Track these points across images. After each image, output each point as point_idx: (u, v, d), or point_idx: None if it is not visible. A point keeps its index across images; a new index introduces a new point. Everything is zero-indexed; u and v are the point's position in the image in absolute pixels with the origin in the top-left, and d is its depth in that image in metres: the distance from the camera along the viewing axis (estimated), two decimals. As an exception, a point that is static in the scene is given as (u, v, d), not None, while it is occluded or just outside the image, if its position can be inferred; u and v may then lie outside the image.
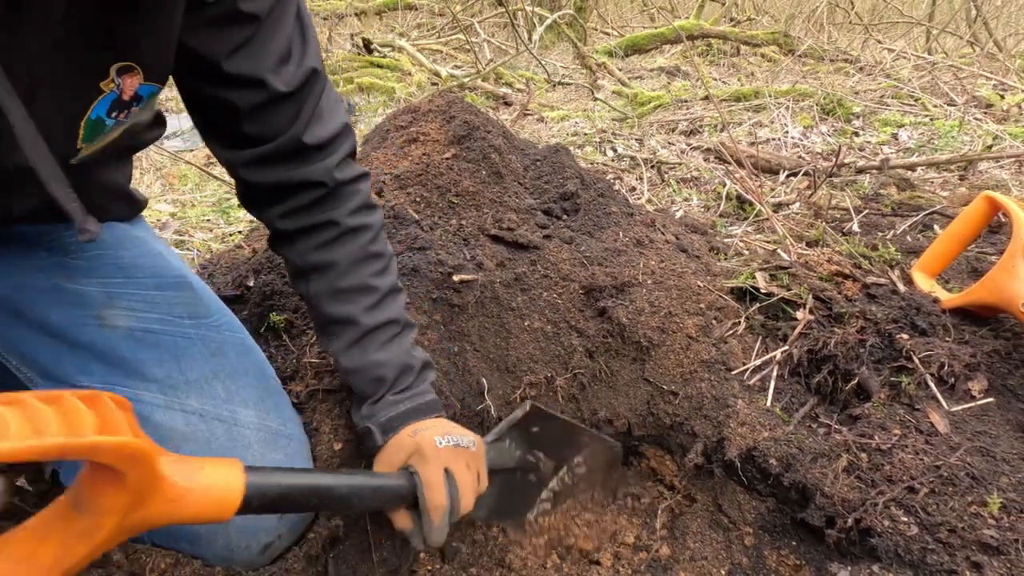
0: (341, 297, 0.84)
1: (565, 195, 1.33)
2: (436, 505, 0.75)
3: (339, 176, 0.83)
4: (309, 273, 0.86)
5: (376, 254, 0.87)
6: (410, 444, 0.78)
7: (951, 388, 0.92)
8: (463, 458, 0.79)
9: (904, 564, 0.81)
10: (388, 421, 0.82)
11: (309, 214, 0.83)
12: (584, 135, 2.95)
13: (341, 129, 0.83)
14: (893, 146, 2.60)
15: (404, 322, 0.88)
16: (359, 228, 0.85)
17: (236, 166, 0.81)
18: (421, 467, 0.76)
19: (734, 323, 1.16)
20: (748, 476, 1.03)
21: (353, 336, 0.84)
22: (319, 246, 0.84)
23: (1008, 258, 0.90)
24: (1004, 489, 0.79)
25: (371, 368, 0.83)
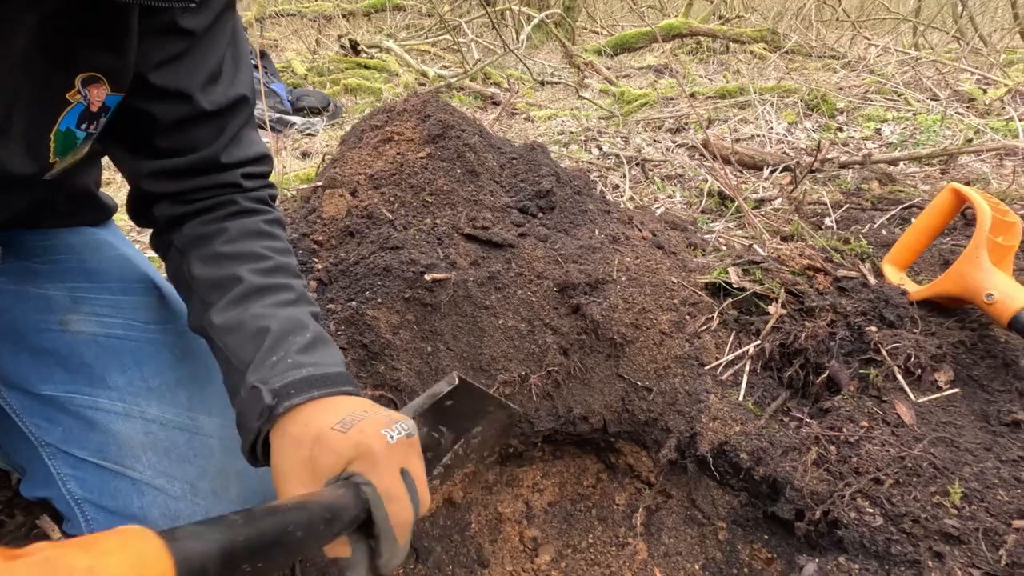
0: (221, 260, 0.71)
1: (540, 193, 1.33)
2: (400, 521, 0.56)
3: (246, 183, 0.77)
4: (189, 248, 0.73)
5: (273, 234, 0.76)
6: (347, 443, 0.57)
7: (918, 379, 0.93)
8: (414, 450, 0.61)
9: (869, 555, 0.81)
10: (284, 387, 0.60)
11: (206, 197, 0.74)
12: (570, 134, 2.95)
13: (261, 155, 0.79)
14: (876, 141, 2.62)
15: (303, 297, 0.72)
16: (255, 210, 0.76)
17: (139, 176, 0.75)
18: (374, 475, 0.56)
19: (708, 318, 1.16)
20: (720, 471, 1.03)
21: (235, 294, 0.68)
22: (208, 221, 0.74)
23: (972, 249, 0.91)
24: (966, 479, 0.79)
25: (251, 320, 0.65)
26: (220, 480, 0.80)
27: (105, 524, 0.76)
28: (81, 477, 0.76)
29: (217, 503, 0.78)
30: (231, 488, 0.80)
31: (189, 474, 0.78)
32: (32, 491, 0.80)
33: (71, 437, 0.76)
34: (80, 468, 0.76)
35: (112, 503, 0.76)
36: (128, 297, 0.86)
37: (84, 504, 0.77)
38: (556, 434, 1.19)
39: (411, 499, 0.57)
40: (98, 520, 0.76)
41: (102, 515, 0.76)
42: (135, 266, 0.91)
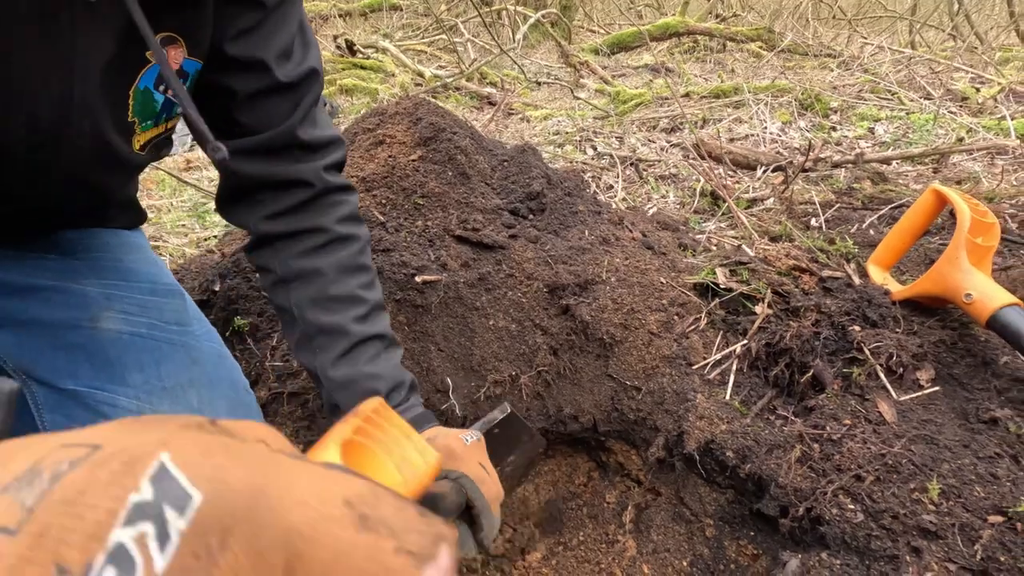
0: (329, 306, 0.80)
1: (531, 195, 1.35)
2: (495, 495, 0.72)
3: (328, 179, 0.81)
4: (291, 281, 0.81)
5: (364, 266, 0.84)
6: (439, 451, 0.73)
7: (900, 378, 0.94)
8: (484, 451, 0.77)
9: (850, 550, 0.83)
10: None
11: (296, 217, 0.80)
12: (565, 134, 2.97)
13: (334, 138, 0.83)
14: (869, 140, 2.63)
15: (391, 339, 0.84)
16: (348, 237, 0.82)
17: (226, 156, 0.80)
18: (462, 467, 0.71)
19: (696, 319, 1.18)
20: (707, 468, 1.05)
21: (343, 347, 0.79)
22: (305, 252, 0.81)
23: (952, 250, 0.92)
24: (944, 475, 0.81)
25: (363, 380, 0.78)
26: None
27: None
28: None
29: None
30: None
31: None
32: None
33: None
34: None
35: None
36: (155, 298, 0.89)
37: None
38: (547, 433, 1.21)
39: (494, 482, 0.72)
40: None
41: None
42: (162, 270, 0.95)
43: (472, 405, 1.14)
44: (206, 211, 2.01)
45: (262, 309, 1.14)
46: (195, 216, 1.98)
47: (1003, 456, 0.80)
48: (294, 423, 0.97)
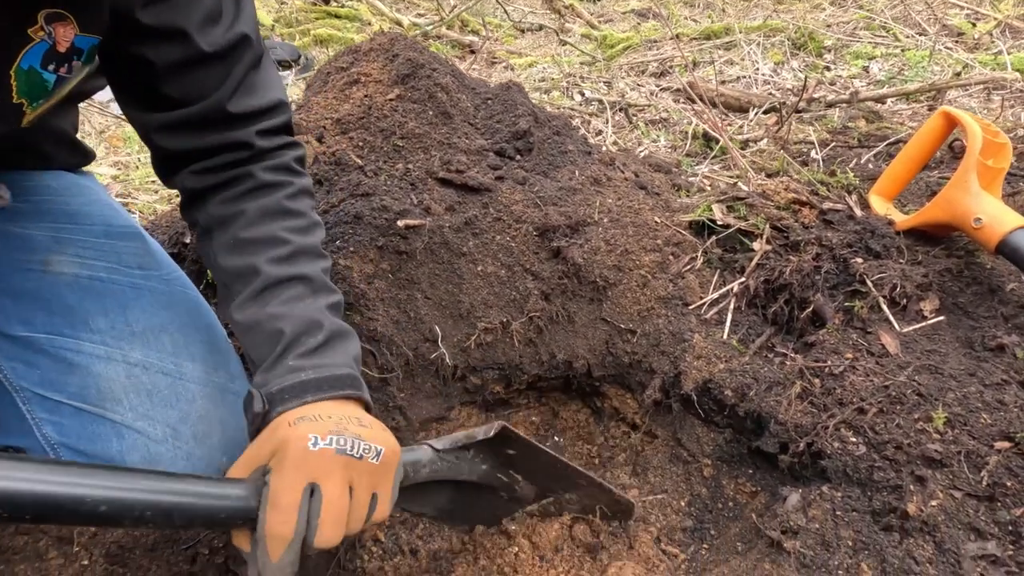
0: (242, 248, 0.71)
1: (518, 134, 1.27)
2: (274, 534, 0.54)
3: (262, 143, 0.74)
4: (212, 231, 0.74)
5: (294, 211, 0.75)
6: (274, 441, 0.57)
7: (903, 309, 0.92)
8: (348, 471, 0.57)
9: (852, 483, 0.81)
10: (280, 392, 0.61)
11: (223, 171, 0.74)
12: (552, 80, 2.85)
13: (274, 104, 0.76)
14: (864, 79, 2.55)
15: (321, 284, 0.72)
16: (277, 184, 0.75)
17: (149, 130, 0.73)
18: (274, 476, 0.55)
19: (691, 258, 1.13)
20: (705, 409, 1.02)
21: (254, 288, 0.69)
22: (227, 200, 0.74)
23: (961, 173, 0.88)
24: (949, 404, 0.79)
25: (267, 321, 0.66)
26: (202, 426, 0.78)
27: None
28: (58, 421, 0.74)
29: (199, 448, 0.77)
30: (213, 435, 0.79)
31: (171, 418, 0.76)
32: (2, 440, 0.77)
33: (49, 379, 0.74)
34: (57, 412, 0.75)
35: (90, 447, 0.74)
36: (112, 241, 0.83)
37: (61, 449, 0.75)
38: (540, 380, 1.18)
39: (299, 518, 0.55)
40: None
41: (80, 459, 0.74)
42: (118, 212, 0.89)
43: (462, 354, 1.10)
44: (176, 166, 1.91)
45: (236, 260, 1.07)
46: (164, 172, 1.88)
47: (1010, 383, 0.78)
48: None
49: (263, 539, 0.54)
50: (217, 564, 0.77)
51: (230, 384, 0.87)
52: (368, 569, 0.92)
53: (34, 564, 0.69)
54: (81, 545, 0.71)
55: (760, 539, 0.88)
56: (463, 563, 0.88)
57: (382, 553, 0.96)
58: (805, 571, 0.76)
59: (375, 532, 0.98)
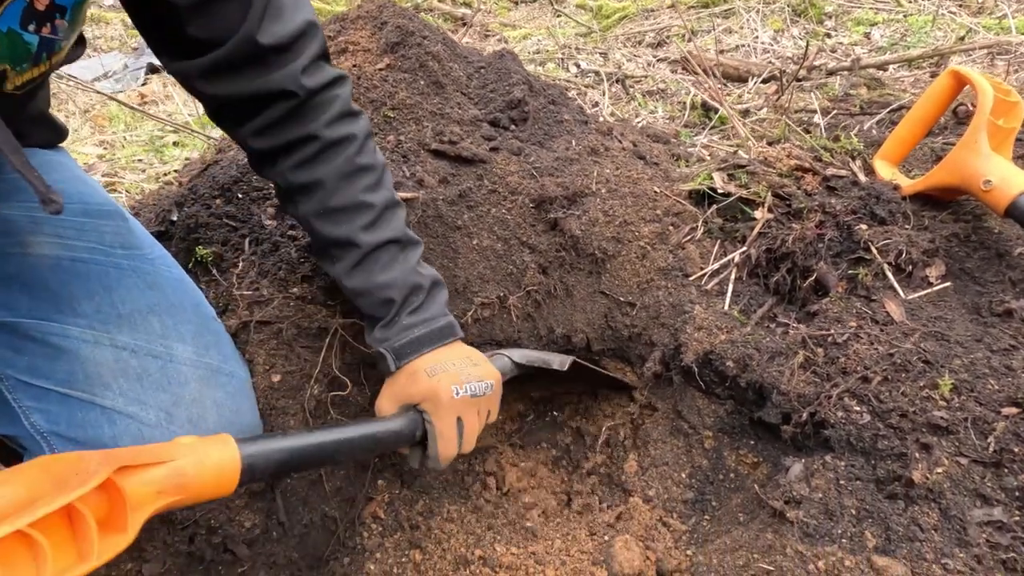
0: (334, 217, 0.79)
1: (512, 103, 1.24)
2: (446, 455, 0.77)
3: (308, 83, 0.73)
4: (295, 195, 0.80)
5: (365, 167, 0.79)
6: (425, 387, 0.76)
7: (908, 276, 0.90)
8: (475, 406, 0.79)
9: (855, 451, 0.80)
10: (402, 347, 0.79)
11: (284, 130, 0.76)
12: (547, 52, 2.79)
13: (305, 27, 0.73)
14: (865, 46, 2.50)
15: (406, 239, 0.83)
16: (342, 140, 0.78)
17: (191, 79, 0.73)
18: (435, 416, 0.76)
19: (692, 228, 1.11)
20: (706, 380, 1.01)
21: (354, 258, 0.79)
22: (300, 164, 0.77)
23: (971, 133, 0.85)
24: (956, 371, 0.77)
25: (377, 290, 0.79)
26: (196, 408, 0.77)
27: None
28: (45, 409, 0.72)
29: (194, 431, 0.75)
30: (208, 417, 0.77)
31: (163, 401, 0.74)
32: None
33: (36, 366, 0.72)
34: (44, 400, 0.73)
35: (81, 434, 0.72)
36: (91, 220, 0.81)
37: (52, 437, 0.73)
38: (538, 355, 1.16)
39: (458, 442, 0.78)
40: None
41: (72, 447, 0.73)
42: (95, 189, 0.86)
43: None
44: (164, 145, 1.86)
45: (225, 238, 1.04)
46: (152, 151, 1.84)
47: (1018, 348, 0.77)
48: (267, 352, 0.91)
49: (436, 456, 0.77)
50: (214, 544, 0.76)
51: (223, 365, 0.85)
52: (368, 546, 0.91)
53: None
54: (73, 527, 0.69)
55: (762, 509, 0.87)
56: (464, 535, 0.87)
57: (382, 530, 0.95)
58: (808, 540, 0.75)
59: (375, 509, 0.97)
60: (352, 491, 0.98)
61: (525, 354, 0.98)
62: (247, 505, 0.82)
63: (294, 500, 0.90)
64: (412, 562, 0.90)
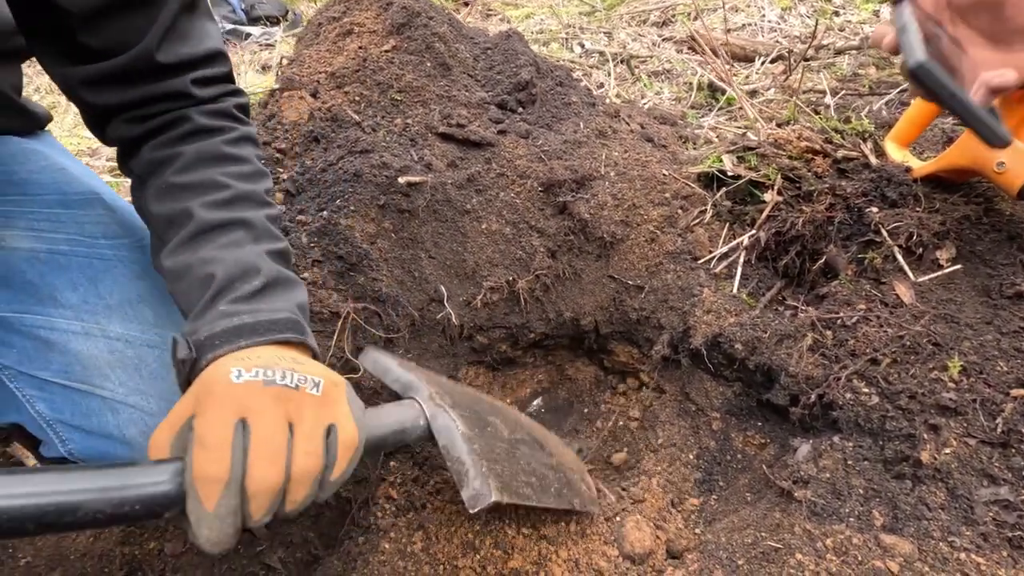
0: (175, 192, 0.64)
1: (519, 85, 1.23)
2: (205, 475, 0.46)
3: (199, 92, 0.68)
4: (146, 178, 0.67)
5: (235, 156, 0.68)
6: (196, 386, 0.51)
7: (919, 258, 0.90)
8: (283, 405, 0.50)
9: (864, 432, 0.81)
10: (209, 338, 0.54)
11: (158, 116, 0.67)
12: (550, 31, 2.75)
13: (211, 53, 0.69)
14: (874, 24, 2.46)
15: (265, 232, 0.65)
16: (216, 128, 0.69)
17: (73, 86, 0.66)
18: (198, 418, 0.48)
19: (700, 211, 1.11)
20: (714, 363, 1.02)
21: (186, 234, 0.62)
22: (162, 144, 0.67)
23: (984, 115, 0.84)
24: (965, 353, 0.78)
25: (198, 266, 0.59)
26: None
27: (83, 444, 0.73)
28: (48, 398, 0.72)
29: None
30: None
31: (164, 391, 0.75)
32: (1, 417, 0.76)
33: (28, 358, 0.72)
34: (46, 389, 0.72)
35: (87, 423, 0.72)
36: (69, 211, 0.78)
37: (57, 425, 0.73)
38: (547, 338, 1.17)
39: (234, 455, 0.47)
40: (75, 440, 0.73)
41: (78, 435, 0.73)
42: (75, 177, 0.82)
43: (468, 313, 1.09)
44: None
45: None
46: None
47: (1028, 330, 0.77)
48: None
49: (192, 486, 0.46)
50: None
51: None
52: (382, 525, 0.93)
53: None
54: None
55: (770, 489, 0.88)
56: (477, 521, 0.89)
57: (395, 510, 0.97)
58: (816, 519, 0.76)
59: (387, 490, 0.99)
60: (365, 472, 0.99)
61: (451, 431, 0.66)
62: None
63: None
64: (425, 541, 0.92)
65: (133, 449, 0.73)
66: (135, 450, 0.73)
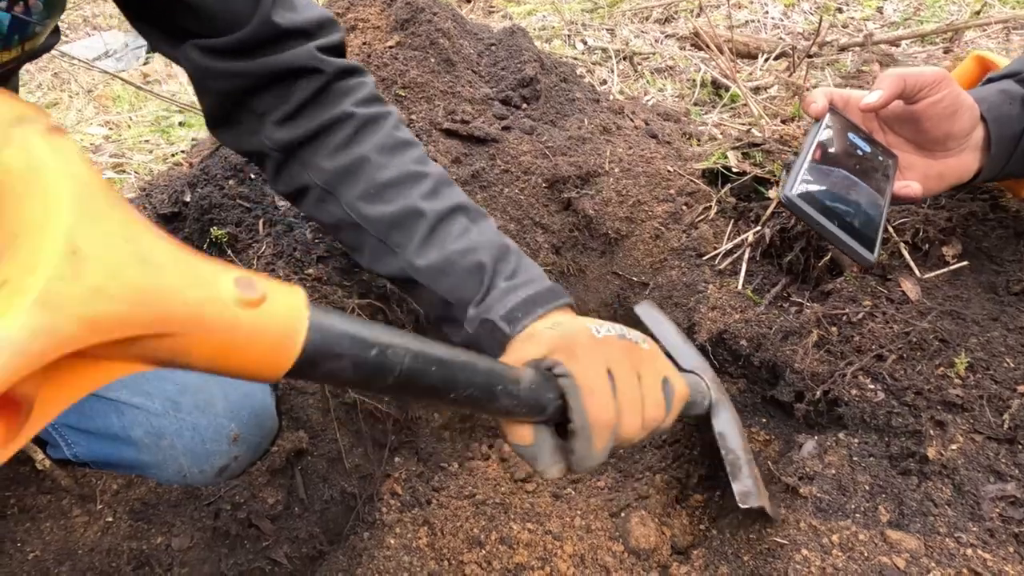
0: (387, 194, 0.66)
1: (524, 81, 1.22)
2: (600, 421, 0.50)
3: (332, 61, 0.67)
4: (336, 186, 0.67)
5: (409, 141, 0.70)
6: (550, 337, 0.54)
7: (925, 255, 0.90)
8: (633, 357, 0.54)
9: (869, 429, 0.81)
10: (511, 311, 0.59)
11: (312, 112, 0.67)
12: (552, 28, 2.74)
13: (323, 19, 0.69)
14: (878, 20, 2.46)
15: (474, 209, 0.69)
16: (378, 116, 0.69)
17: (202, 60, 0.64)
18: (573, 364, 0.50)
19: (705, 207, 1.11)
20: (719, 359, 1.02)
21: (423, 230, 0.64)
22: (337, 147, 0.67)
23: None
24: (972, 349, 0.78)
25: (460, 258, 0.62)
26: (203, 395, 0.77)
27: (87, 447, 0.74)
28: None
29: (203, 418, 0.76)
30: (216, 403, 0.77)
31: (168, 391, 0.75)
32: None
33: None
34: None
35: (91, 424, 0.73)
36: None
37: (63, 429, 0.74)
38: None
39: (613, 402, 0.51)
40: (80, 443, 0.74)
41: (83, 438, 0.73)
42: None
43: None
44: (170, 125, 1.85)
45: (239, 218, 1.05)
46: (159, 131, 1.83)
47: (1034, 326, 0.77)
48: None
49: (586, 429, 0.49)
50: (239, 519, 0.78)
51: None
52: (387, 521, 0.93)
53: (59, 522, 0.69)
54: (105, 503, 0.71)
55: (775, 485, 0.88)
56: (482, 516, 0.89)
57: (400, 505, 0.97)
58: (822, 515, 0.76)
59: (392, 486, 0.99)
60: (370, 468, 0.99)
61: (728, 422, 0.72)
62: (269, 483, 0.83)
63: (314, 477, 0.91)
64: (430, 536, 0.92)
65: (139, 450, 0.73)
66: (141, 451, 0.73)
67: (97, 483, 0.72)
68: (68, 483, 0.71)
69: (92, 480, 0.72)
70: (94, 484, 0.72)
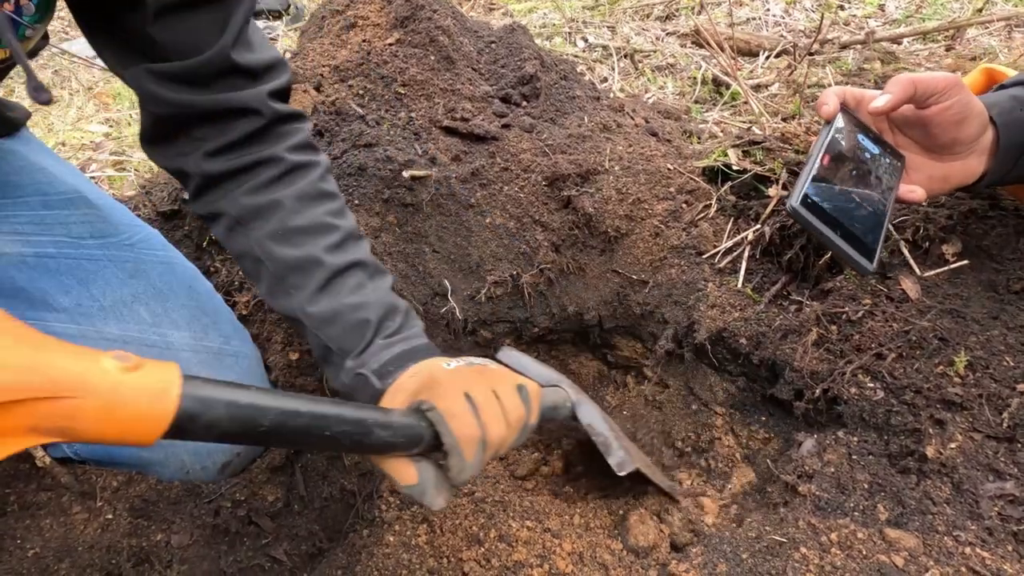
0: (294, 239, 0.70)
1: (523, 79, 1.22)
2: (466, 437, 0.58)
3: (276, 107, 0.70)
4: (249, 221, 0.71)
5: (329, 193, 0.73)
6: (412, 383, 0.62)
7: (925, 253, 0.89)
8: (485, 378, 0.63)
9: (868, 427, 0.81)
10: (383, 366, 0.66)
11: (244, 151, 0.70)
12: (553, 26, 2.74)
13: (275, 62, 0.70)
14: (879, 18, 2.45)
15: (376, 266, 0.74)
16: (305, 165, 0.72)
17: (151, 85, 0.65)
18: (435, 398, 0.59)
19: (705, 205, 1.10)
20: (719, 358, 1.02)
21: (319, 280, 0.69)
22: (259, 186, 0.70)
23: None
24: (972, 348, 0.78)
25: (348, 312, 0.68)
26: None
27: (86, 446, 0.74)
28: None
29: None
30: None
31: None
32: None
33: None
34: None
35: None
36: (52, 212, 0.78)
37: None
38: (551, 333, 1.17)
39: (476, 421, 0.59)
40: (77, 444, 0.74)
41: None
42: (56, 178, 0.81)
43: (472, 307, 1.09)
44: (168, 123, 1.85)
45: (238, 216, 1.04)
46: (157, 129, 1.82)
47: (1034, 324, 0.77)
48: (284, 331, 0.91)
49: (456, 446, 0.57)
50: (239, 516, 0.78)
51: (225, 347, 0.84)
52: (386, 518, 0.93)
53: (59, 519, 0.69)
54: (105, 500, 0.71)
55: (774, 484, 0.88)
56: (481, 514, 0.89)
57: (399, 503, 0.97)
58: (821, 513, 0.76)
59: (391, 484, 0.99)
60: (369, 465, 0.99)
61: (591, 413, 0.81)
62: (269, 480, 0.83)
63: (314, 475, 0.92)
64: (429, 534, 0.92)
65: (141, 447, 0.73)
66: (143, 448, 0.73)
67: (97, 480, 0.72)
68: (68, 480, 0.71)
69: (92, 477, 0.72)
70: (94, 481, 0.72)
